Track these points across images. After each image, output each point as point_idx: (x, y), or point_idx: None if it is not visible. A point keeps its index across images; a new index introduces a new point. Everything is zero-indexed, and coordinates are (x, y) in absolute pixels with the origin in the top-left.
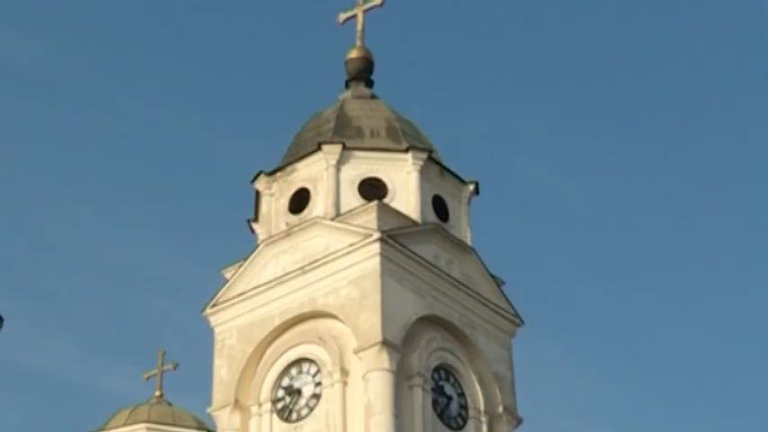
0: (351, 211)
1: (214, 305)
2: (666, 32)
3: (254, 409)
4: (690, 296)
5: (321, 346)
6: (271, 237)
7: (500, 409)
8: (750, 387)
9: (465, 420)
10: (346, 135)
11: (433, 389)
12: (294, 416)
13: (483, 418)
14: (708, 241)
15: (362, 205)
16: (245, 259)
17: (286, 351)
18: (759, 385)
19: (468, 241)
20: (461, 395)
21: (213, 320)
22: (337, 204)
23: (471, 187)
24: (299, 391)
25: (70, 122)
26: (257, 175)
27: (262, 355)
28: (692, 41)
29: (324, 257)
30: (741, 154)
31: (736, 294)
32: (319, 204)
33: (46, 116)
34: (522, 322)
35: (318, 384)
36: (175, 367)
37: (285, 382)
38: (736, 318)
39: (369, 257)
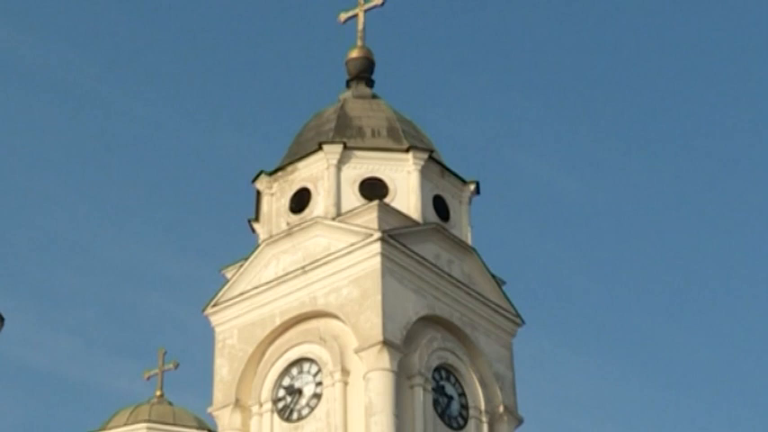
0: (351, 210)
1: (215, 305)
2: (666, 32)
3: (255, 408)
4: (690, 296)
5: (322, 346)
6: (271, 236)
7: (501, 408)
8: (751, 387)
9: (466, 420)
10: (347, 135)
11: (433, 388)
12: (295, 415)
13: (484, 418)
14: (708, 241)
15: (363, 205)
16: (246, 259)
17: (287, 351)
18: (760, 385)
19: (469, 241)
20: (462, 395)
21: (214, 320)
22: (338, 204)
23: (472, 187)
24: (299, 391)
25: (70, 122)
26: (258, 175)
27: (262, 354)
28: (691, 41)
29: (324, 257)
30: (741, 154)
31: (736, 294)
32: (320, 204)
33: (46, 116)
34: (523, 322)
35: (319, 384)
36: (176, 367)
37: (286, 381)
38: (736, 317)
39: (369, 257)
